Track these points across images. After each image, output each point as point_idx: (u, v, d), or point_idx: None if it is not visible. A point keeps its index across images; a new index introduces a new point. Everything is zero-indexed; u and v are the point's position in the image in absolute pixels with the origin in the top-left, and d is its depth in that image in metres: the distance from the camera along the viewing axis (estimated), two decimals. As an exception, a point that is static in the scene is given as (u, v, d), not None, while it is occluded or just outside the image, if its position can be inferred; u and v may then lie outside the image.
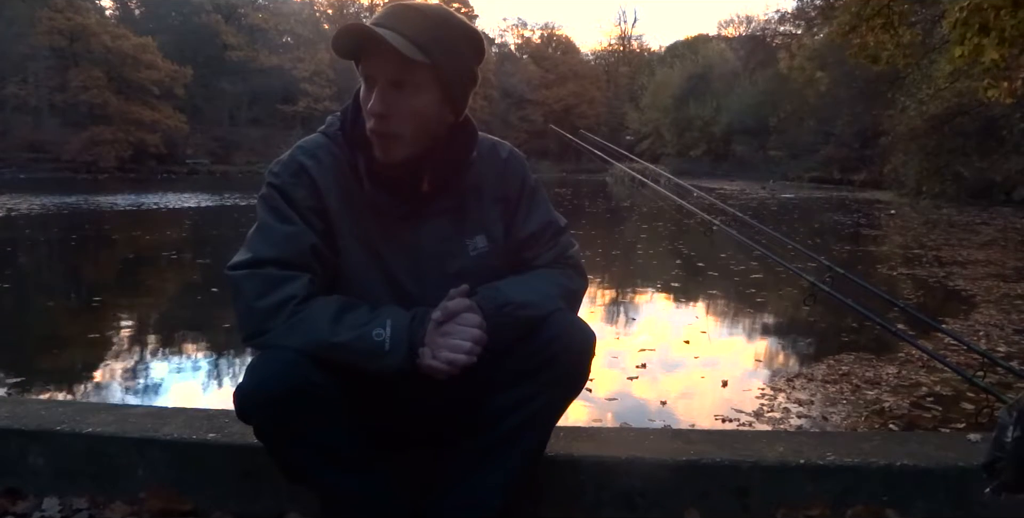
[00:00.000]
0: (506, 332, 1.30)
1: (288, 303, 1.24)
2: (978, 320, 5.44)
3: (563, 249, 1.47)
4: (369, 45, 1.24)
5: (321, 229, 1.32)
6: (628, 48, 71.90)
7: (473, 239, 1.39)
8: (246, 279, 1.26)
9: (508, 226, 1.44)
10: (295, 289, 1.25)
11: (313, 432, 1.23)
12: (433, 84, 1.28)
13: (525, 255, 1.45)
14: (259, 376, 1.21)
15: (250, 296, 1.25)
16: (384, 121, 1.26)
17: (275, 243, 1.29)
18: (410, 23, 1.24)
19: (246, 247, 1.31)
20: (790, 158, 38.86)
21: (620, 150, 3.25)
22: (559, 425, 1.44)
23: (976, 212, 17.39)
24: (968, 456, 1.55)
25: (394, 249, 1.35)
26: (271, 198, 1.33)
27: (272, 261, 1.27)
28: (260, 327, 1.24)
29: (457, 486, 1.36)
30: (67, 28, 37.98)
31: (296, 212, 1.30)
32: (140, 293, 7.11)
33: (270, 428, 1.25)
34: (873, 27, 8.49)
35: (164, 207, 17.18)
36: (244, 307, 1.26)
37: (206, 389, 3.96)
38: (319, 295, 1.27)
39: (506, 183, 1.44)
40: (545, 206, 1.49)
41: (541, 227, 1.45)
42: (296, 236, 1.29)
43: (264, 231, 1.31)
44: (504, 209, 1.43)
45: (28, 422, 1.68)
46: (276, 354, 1.22)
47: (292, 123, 47.74)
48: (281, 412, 1.20)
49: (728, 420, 3.38)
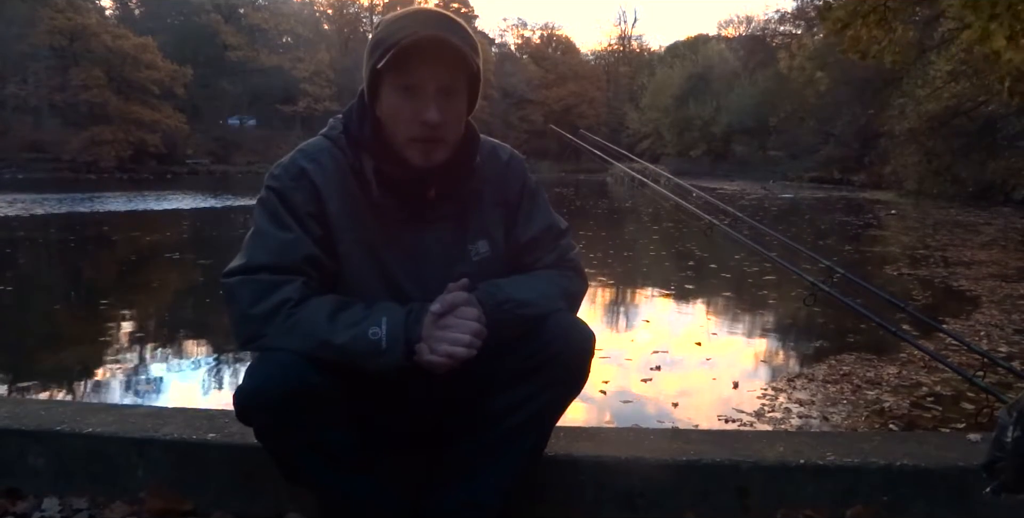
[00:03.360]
0: (505, 329, 1.30)
1: (283, 307, 1.23)
2: (979, 320, 5.44)
3: (564, 251, 1.47)
4: (437, 53, 1.23)
5: (319, 235, 1.31)
6: (628, 48, 71.95)
7: (475, 244, 1.39)
8: (240, 286, 1.26)
9: (509, 230, 1.43)
10: (289, 292, 1.25)
11: (313, 433, 1.23)
12: (468, 87, 1.31)
13: (526, 260, 1.44)
14: (258, 378, 1.21)
15: (244, 303, 1.25)
16: (438, 128, 1.26)
17: (270, 250, 1.28)
18: (459, 31, 1.26)
19: (241, 253, 1.30)
20: (790, 158, 38.86)
21: (620, 150, 3.24)
22: (559, 425, 1.44)
23: (976, 212, 17.39)
24: (968, 456, 1.55)
25: (396, 254, 1.34)
26: (269, 202, 1.32)
27: (266, 267, 1.26)
28: (257, 332, 1.24)
29: (457, 486, 1.36)
30: (67, 28, 37.95)
31: (294, 218, 1.30)
32: (140, 294, 7.10)
33: (270, 430, 1.25)
34: (868, 23, 8.51)
35: (164, 207, 17.17)
36: (239, 314, 1.26)
37: (206, 389, 3.96)
38: (314, 297, 1.27)
39: (507, 187, 1.43)
40: (546, 209, 1.48)
41: (542, 231, 1.45)
42: (292, 243, 1.28)
43: (260, 237, 1.30)
44: (505, 213, 1.43)
45: (28, 422, 1.68)
46: (275, 356, 1.22)
47: (292, 123, 47.77)
48: (281, 414, 1.20)
49: (730, 420, 3.38)
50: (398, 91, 1.27)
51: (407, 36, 1.22)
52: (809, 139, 36.94)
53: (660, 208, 15.85)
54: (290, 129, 46.83)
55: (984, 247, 10.54)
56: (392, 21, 1.29)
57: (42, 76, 39.11)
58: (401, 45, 1.21)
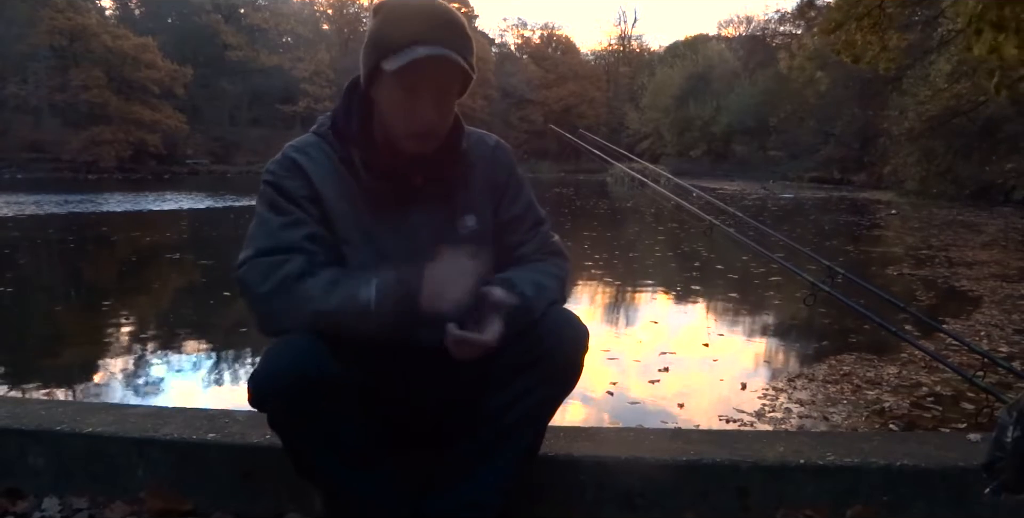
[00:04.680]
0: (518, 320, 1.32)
1: (285, 281, 1.26)
2: (979, 320, 5.44)
3: (545, 237, 1.52)
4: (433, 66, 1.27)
5: (318, 215, 1.36)
6: (628, 48, 71.93)
7: (463, 219, 1.44)
8: (248, 271, 1.30)
9: (496, 209, 1.49)
10: (292, 268, 1.27)
11: (325, 422, 1.24)
12: (461, 84, 1.36)
13: (508, 240, 1.48)
14: (274, 362, 1.23)
15: (253, 285, 1.28)
16: (436, 125, 1.33)
17: (271, 233, 1.33)
18: (458, 36, 1.29)
19: (247, 243, 1.34)
20: (790, 158, 38.90)
21: (620, 150, 3.24)
22: (559, 425, 1.44)
23: (976, 212, 17.39)
24: (968, 456, 1.55)
25: (387, 233, 1.39)
26: (267, 194, 1.37)
27: (269, 250, 1.30)
28: (267, 310, 1.28)
29: (456, 485, 1.36)
30: (67, 28, 37.94)
31: (291, 202, 1.35)
32: (140, 294, 7.10)
33: (283, 416, 1.25)
34: (862, 26, 8.49)
35: (164, 208, 17.17)
36: (252, 297, 1.29)
37: (206, 389, 3.96)
38: (318, 270, 1.29)
39: (495, 170, 1.49)
40: (529, 195, 1.54)
41: (523, 211, 1.51)
42: (292, 224, 1.33)
43: (261, 225, 1.35)
44: (492, 193, 1.48)
45: (28, 422, 1.68)
46: (293, 341, 1.23)
47: (292, 123, 47.76)
48: (295, 400, 1.21)
49: (731, 420, 3.38)
50: (400, 90, 1.31)
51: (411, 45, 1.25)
52: (809, 139, 36.98)
53: (662, 208, 15.86)
54: (290, 129, 46.84)
55: (985, 247, 10.54)
56: (397, 19, 1.29)
57: (42, 76, 39.11)
58: (411, 59, 1.25)
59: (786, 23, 43.51)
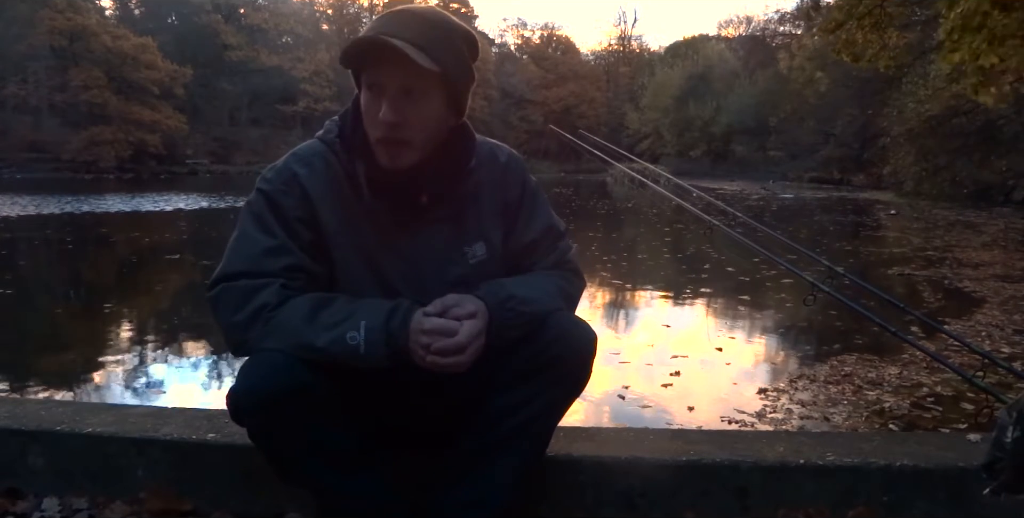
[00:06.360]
0: (508, 329, 1.28)
1: (262, 311, 1.23)
2: (980, 320, 5.43)
3: (562, 254, 1.46)
4: (379, 54, 1.21)
5: (309, 240, 1.30)
6: (628, 48, 71.99)
7: (472, 247, 1.37)
8: (221, 294, 1.26)
9: (508, 233, 1.42)
10: (266, 297, 1.23)
11: (307, 432, 1.23)
12: (440, 89, 1.27)
13: (525, 262, 1.43)
14: (249, 378, 1.21)
15: (226, 312, 1.25)
16: (396, 129, 1.24)
17: (250, 255, 1.28)
18: (417, 30, 1.22)
19: (223, 259, 1.30)
20: (790, 158, 38.92)
21: (619, 150, 3.25)
22: (559, 425, 1.44)
23: (976, 212, 17.39)
24: (968, 456, 1.55)
25: (391, 258, 1.33)
26: (257, 205, 1.31)
27: (244, 273, 1.26)
28: (240, 338, 1.24)
29: (459, 486, 1.36)
30: (67, 28, 37.99)
31: (281, 223, 1.29)
32: (140, 294, 7.10)
33: (263, 430, 1.24)
34: (863, 25, 8.48)
35: (164, 208, 17.16)
36: (224, 323, 1.26)
37: (206, 389, 3.96)
38: (293, 298, 1.25)
39: (506, 189, 1.41)
40: (545, 210, 1.47)
41: (542, 233, 1.44)
42: (274, 250, 1.27)
43: (242, 241, 1.30)
44: (504, 215, 1.41)
45: (28, 422, 1.67)
46: (266, 356, 1.21)
47: (292, 123, 47.77)
48: (273, 414, 1.20)
49: (732, 421, 3.38)
50: (366, 90, 1.27)
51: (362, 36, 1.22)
52: (809, 139, 37.00)
53: (664, 209, 15.86)
54: (290, 129, 46.87)
55: (985, 247, 10.54)
56: (375, 19, 1.29)
57: (42, 76, 39.14)
58: (348, 46, 1.21)
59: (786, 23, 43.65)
